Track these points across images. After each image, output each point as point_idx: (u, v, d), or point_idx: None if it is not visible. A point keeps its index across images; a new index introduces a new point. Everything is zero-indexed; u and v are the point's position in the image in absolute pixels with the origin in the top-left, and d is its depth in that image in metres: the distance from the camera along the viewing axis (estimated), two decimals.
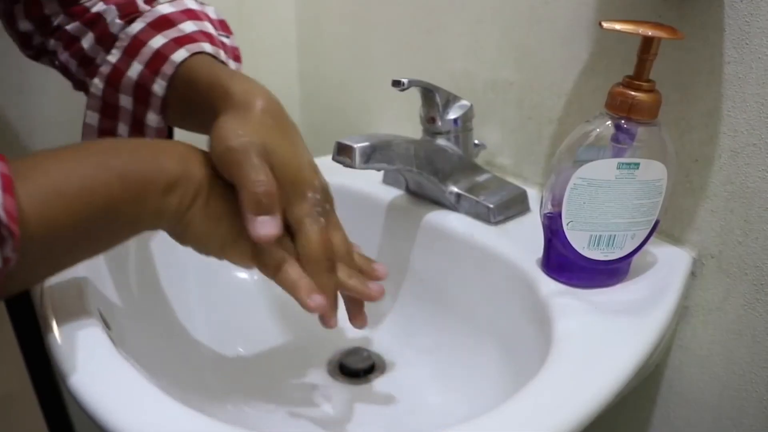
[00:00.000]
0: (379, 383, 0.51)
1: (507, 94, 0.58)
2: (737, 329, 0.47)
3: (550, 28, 0.52)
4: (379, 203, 0.57)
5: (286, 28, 0.77)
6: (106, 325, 0.39)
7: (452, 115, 0.53)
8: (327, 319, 0.40)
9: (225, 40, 0.49)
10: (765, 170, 0.42)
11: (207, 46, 0.45)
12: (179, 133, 0.47)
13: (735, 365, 0.47)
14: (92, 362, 0.35)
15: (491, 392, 0.45)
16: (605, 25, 0.40)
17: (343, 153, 0.47)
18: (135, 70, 0.44)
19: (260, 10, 0.73)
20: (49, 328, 0.37)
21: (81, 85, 0.48)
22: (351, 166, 0.46)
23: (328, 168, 0.43)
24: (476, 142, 0.57)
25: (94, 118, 0.46)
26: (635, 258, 0.45)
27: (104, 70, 0.45)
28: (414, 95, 0.53)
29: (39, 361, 0.63)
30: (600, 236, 0.43)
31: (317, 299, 0.38)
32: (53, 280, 0.41)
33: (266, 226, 0.37)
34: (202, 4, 0.49)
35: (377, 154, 0.47)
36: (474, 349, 0.50)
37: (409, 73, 0.52)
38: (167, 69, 0.43)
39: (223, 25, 0.50)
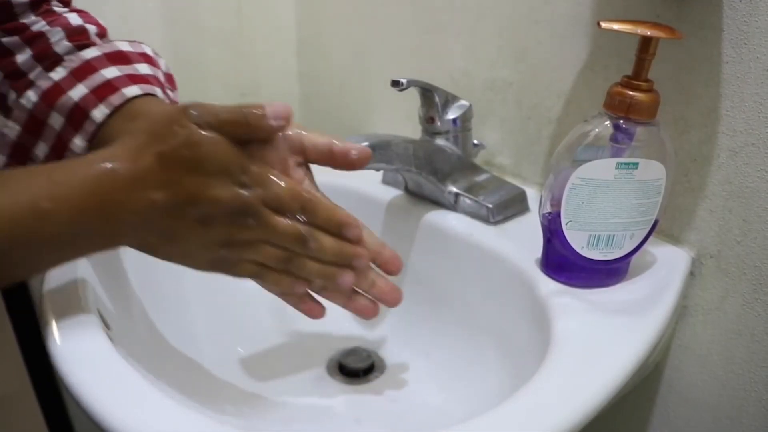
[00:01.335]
0: (379, 383, 0.51)
1: (506, 94, 0.58)
2: (736, 329, 0.47)
3: (549, 28, 0.52)
4: (378, 203, 0.57)
5: (285, 29, 0.77)
6: (106, 325, 0.39)
7: (451, 115, 0.53)
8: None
9: (170, 93, 0.48)
10: (764, 170, 0.42)
11: (159, 92, 0.44)
12: None
13: (734, 365, 0.47)
14: (91, 362, 0.35)
15: (490, 392, 0.45)
16: (603, 25, 0.40)
17: None
18: (78, 91, 0.42)
19: (260, 10, 0.73)
20: (49, 329, 0.37)
21: None
22: None
23: (327, 168, 0.43)
24: (475, 142, 0.57)
25: (13, 129, 0.43)
26: (634, 258, 0.45)
27: (42, 84, 0.43)
28: (413, 95, 0.53)
29: (39, 361, 0.63)
30: (599, 236, 0.43)
31: None
32: (52, 281, 0.41)
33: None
34: (157, 55, 0.48)
35: (376, 154, 0.47)
36: (473, 348, 0.50)
37: (408, 73, 0.52)
38: (115, 100, 0.42)
39: (170, 79, 0.49)
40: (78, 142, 0.42)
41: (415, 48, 0.64)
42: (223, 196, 0.36)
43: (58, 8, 0.46)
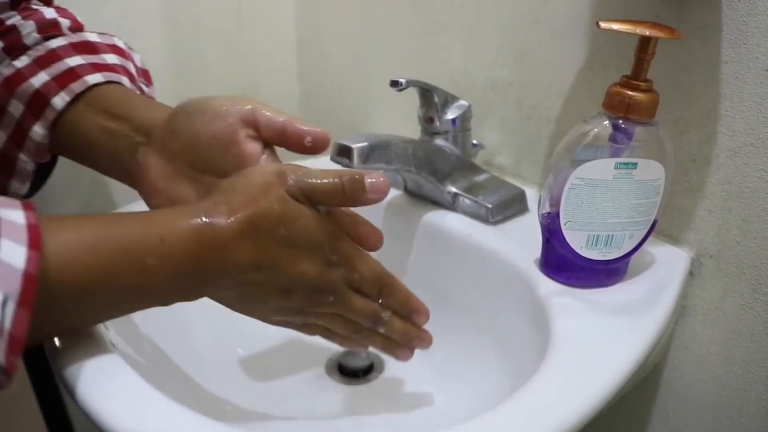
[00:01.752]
0: (378, 383, 0.51)
1: (505, 94, 0.58)
2: (735, 329, 0.47)
3: (548, 28, 0.52)
4: (377, 203, 0.57)
5: (285, 29, 0.77)
6: (105, 326, 0.39)
7: (451, 115, 0.53)
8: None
9: (144, 87, 0.47)
10: (763, 170, 0.42)
11: (125, 81, 0.43)
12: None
13: (733, 365, 0.47)
14: (91, 363, 0.35)
15: (490, 392, 0.45)
16: (603, 25, 0.40)
17: (341, 153, 0.47)
18: (40, 79, 0.41)
19: (260, 10, 0.73)
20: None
21: None
22: (349, 166, 0.46)
23: (327, 168, 0.43)
24: (475, 142, 0.57)
25: None
26: (633, 258, 0.45)
27: (4, 71, 0.42)
28: (412, 95, 0.53)
29: (38, 362, 0.63)
30: (598, 236, 0.43)
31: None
32: None
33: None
34: (131, 49, 0.48)
35: (375, 154, 0.47)
36: (472, 348, 0.50)
37: (408, 73, 0.52)
38: (76, 87, 0.41)
39: (145, 75, 0.48)
40: (38, 129, 0.41)
41: (415, 48, 0.64)
42: (310, 272, 0.36)
43: (37, 6, 0.45)
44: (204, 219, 0.33)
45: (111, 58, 0.44)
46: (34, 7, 0.45)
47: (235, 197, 0.34)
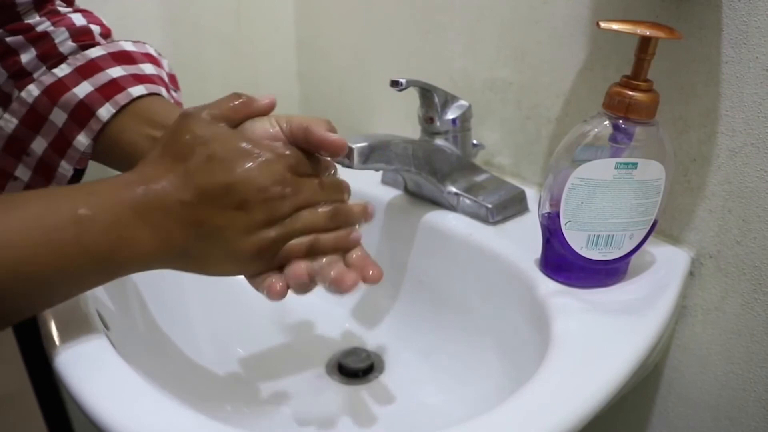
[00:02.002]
0: (378, 383, 0.51)
1: (505, 94, 0.58)
2: (736, 329, 0.47)
3: (548, 28, 0.52)
4: (377, 203, 0.57)
5: (285, 29, 0.77)
6: (105, 326, 0.39)
7: (451, 115, 0.53)
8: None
9: (174, 93, 0.48)
10: (763, 170, 0.42)
11: (164, 91, 0.45)
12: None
13: (734, 365, 0.47)
14: (91, 363, 0.35)
15: (490, 392, 0.45)
16: (602, 25, 0.40)
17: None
18: (83, 89, 0.42)
19: (259, 10, 0.73)
20: (48, 330, 0.37)
21: (0, 98, 0.45)
22: (349, 166, 0.46)
23: None
24: (475, 142, 0.57)
25: (11, 123, 0.43)
26: (633, 258, 0.45)
27: (45, 79, 0.43)
28: (412, 95, 0.53)
29: (38, 362, 0.63)
30: (598, 236, 0.43)
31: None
32: None
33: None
34: (160, 55, 0.49)
35: (375, 154, 0.47)
36: (472, 348, 0.50)
37: (408, 73, 0.52)
38: (121, 99, 0.42)
39: (173, 80, 0.49)
40: (82, 139, 0.42)
41: (415, 48, 0.64)
42: (252, 171, 0.35)
43: (62, 8, 0.46)
44: (138, 186, 0.35)
45: (148, 68, 0.45)
46: (61, 10, 0.46)
47: (155, 149, 0.36)
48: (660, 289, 0.44)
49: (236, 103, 0.38)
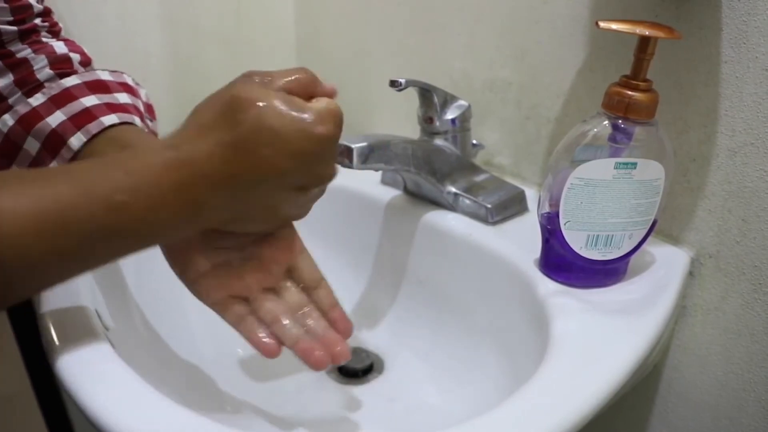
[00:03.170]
0: (377, 383, 0.51)
1: (505, 94, 0.58)
2: (735, 329, 0.47)
3: (548, 28, 0.52)
4: (377, 203, 0.57)
5: (284, 29, 0.77)
6: (104, 326, 0.39)
7: (450, 115, 0.53)
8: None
9: (149, 123, 0.48)
10: (763, 170, 0.42)
11: (137, 121, 0.44)
12: None
13: (733, 365, 0.47)
14: (90, 363, 0.35)
15: (489, 392, 0.45)
16: (602, 24, 0.40)
17: (341, 153, 0.47)
18: (56, 118, 0.42)
19: (259, 10, 0.73)
20: (47, 330, 0.37)
21: None
22: (349, 166, 0.46)
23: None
24: (474, 142, 0.57)
25: None
26: (633, 258, 0.45)
27: (20, 109, 0.43)
28: (412, 95, 0.53)
29: (38, 362, 0.63)
30: (597, 236, 0.43)
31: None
32: None
33: None
34: (138, 85, 0.48)
35: (375, 154, 0.47)
36: (472, 349, 0.50)
37: (407, 73, 0.52)
38: (93, 128, 0.42)
39: (149, 109, 0.49)
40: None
41: (414, 48, 0.64)
42: (296, 139, 0.34)
43: (47, 38, 0.46)
44: (172, 147, 0.33)
45: (123, 98, 0.45)
46: (44, 40, 0.46)
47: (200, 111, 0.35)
48: (659, 289, 0.44)
49: (302, 76, 0.36)
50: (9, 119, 0.43)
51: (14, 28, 0.43)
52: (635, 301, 0.43)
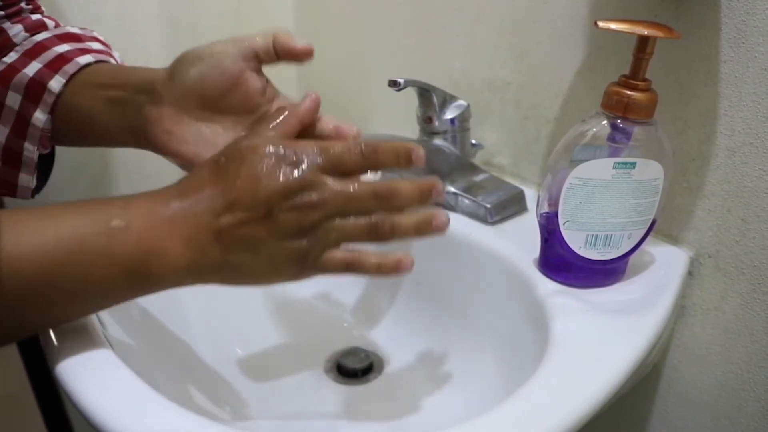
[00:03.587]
0: (377, 383, 0.51)
1: (504, 94, 0.58)
2: (735, 328, 0.47)
3: (547, 28, 0.52)
4: None
5: (283, 29, 0.77)
6: (103, 326, 0.39)
7: (449, 115, 0.53)
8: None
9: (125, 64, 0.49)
10: (762, 169, 0.42)
11: (112, 61, 0.45)
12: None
13: (733, 364, 0.47)
14: (89, 363, 0.35)
15: (488, 392, 0.45)
16: (601, 24, 0.40)
17: None
18: (33, 68, 0.42)
19: (259, 10, 0.73)
20: (46, 330, 0.37)
21: None
22: None
23: None
24: (473, 141, 0.57)
25: None
26: (632, 257, 0.45)
27: None
28: (411, 95, 0.53)
29: (37, 362, 0.63)
30: (597, 236, 0.43)
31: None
32: None
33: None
34: (108, 46, 0.49)
35: None
36: (471, 348, 0.50)
37: (407, 73, 0.52)
38: (70, 68, 0.42)
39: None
40: (39, 115, 0.42)
41: (414, 48, 0.64)
42: (275, 184, 0.34)
43: (27, 15, 0.47)
44: (171, 188, 0.35)
45: (96, 45, 0.46)
46: (24, 16, 0.47)
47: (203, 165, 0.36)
48: (659, 288, 0.44)
49: (282, 119, 0.38)
50: None
51: (2, 12, 0.44)
52: (635, 301, 0.43)
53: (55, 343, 0.36)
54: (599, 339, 0.39)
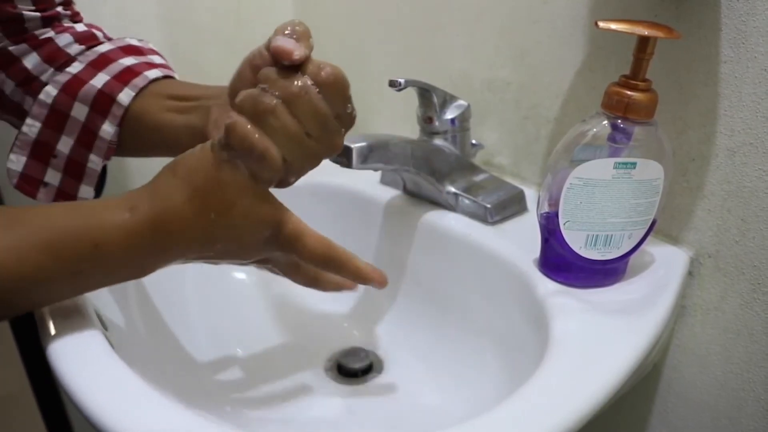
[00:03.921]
0: (377, 383, 0.51)
1: (504, 94, 0.58)
2: (735, 328, 0.47)
3: (547, 28, 0.52)
4: (376, 203, 0.57)
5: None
6: (103, 326, 0.39)
7: (449, 114, 0.53)
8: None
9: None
10: (762, 169, 0.42)
11: (176, 76, 0.46)
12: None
13: (733, 364, 0.47)
14: (89, 363, 0.35)
15: (488, 392, 0.45)
16: (601, 24, 0.40)
17: (340, 153, 0.47)
18: (100, 79, 0.43)
19: (259, 10, 0.73)
20: (47, 330, 0.37)
21: (11, 109, 0.46)
22: (348, 166, 0.46)
23: (326, 168, 0.43)
24: (474, 141, 0.57)
25: (34, 128, 0.43)
26: (632, 257, 0.45)
27: (61, 78, 0.43)
28: (411, 95, 0.53)
29: (38, 362, 0.63)
30: (597, 236, 0.43)
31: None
32: None
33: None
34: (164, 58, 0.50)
35: (374, 154, 0.47)
36: (471, 348, 0.50)
37: (407, 73, 0.52)
38: (139, 82, 0.43)
39: None
40: (107, 128, 0.43)
41: (414, 48, 0.64)
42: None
43: (68, 23, 0.47)
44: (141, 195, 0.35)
45: (157, 59, 0.47)
46: (66, 24, 0.47)
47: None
48: (659, 288, 0.44)
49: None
50: (52, 90, 0.43)
51: (37, 14, 0.44)
52: (635, 301, 0.43)
53: (56, 343, 0.36)
54: (599, 339, 0.39)
